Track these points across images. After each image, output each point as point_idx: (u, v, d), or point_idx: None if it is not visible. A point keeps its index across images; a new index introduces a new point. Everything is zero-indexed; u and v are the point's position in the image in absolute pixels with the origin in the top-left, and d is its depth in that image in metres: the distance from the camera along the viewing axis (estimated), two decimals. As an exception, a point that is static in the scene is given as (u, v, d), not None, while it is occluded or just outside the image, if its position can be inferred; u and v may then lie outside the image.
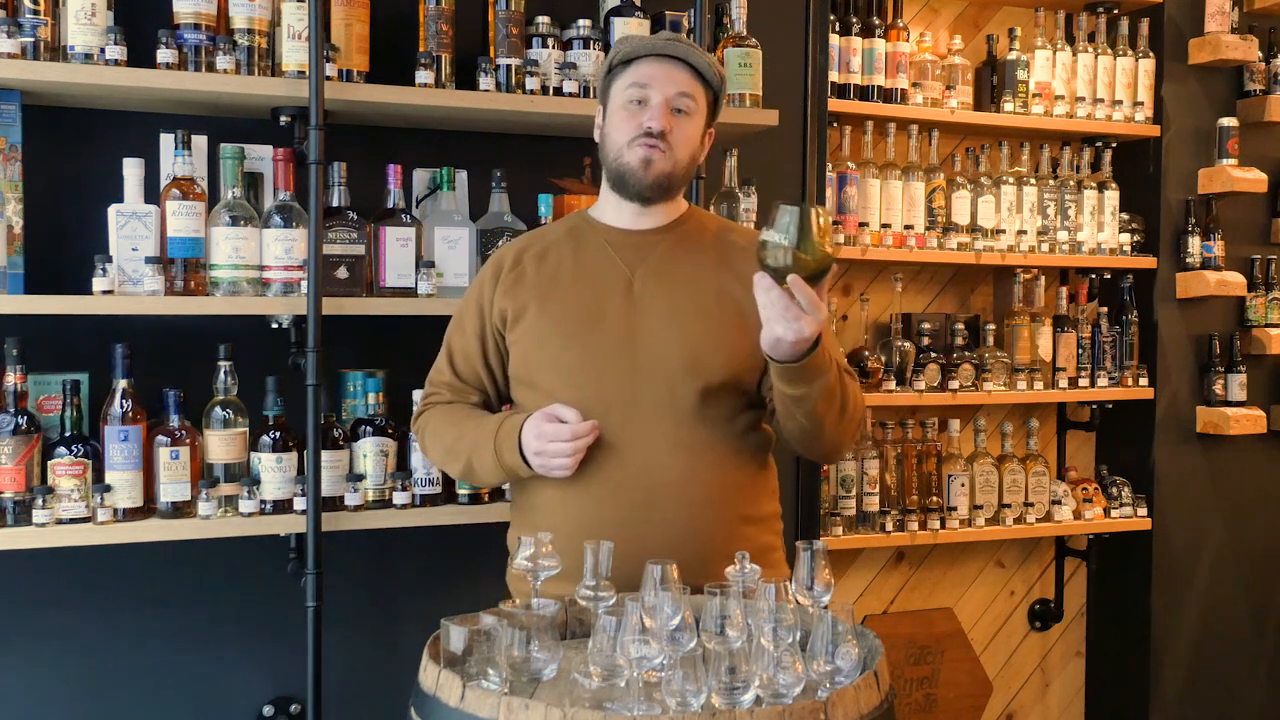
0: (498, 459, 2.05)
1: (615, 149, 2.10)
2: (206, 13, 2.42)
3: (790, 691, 1.54)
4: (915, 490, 3.48)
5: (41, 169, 2.49)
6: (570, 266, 2.13)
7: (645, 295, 2.09)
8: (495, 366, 2.19)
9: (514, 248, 2.22)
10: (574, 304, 2.09)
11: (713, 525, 2.03)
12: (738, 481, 2.09)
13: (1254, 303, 3.81)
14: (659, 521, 1.99)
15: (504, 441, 2.04)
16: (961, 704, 3.76)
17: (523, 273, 2.15)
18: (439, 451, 2.19)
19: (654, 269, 2.11)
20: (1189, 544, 3.80)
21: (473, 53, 2.68)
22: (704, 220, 2.24)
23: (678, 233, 2.17)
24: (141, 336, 2.46)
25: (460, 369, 2.21)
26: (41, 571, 2.55)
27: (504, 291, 2.14)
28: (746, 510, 2.11)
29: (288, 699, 2.75)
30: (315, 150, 2.43)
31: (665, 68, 2.08)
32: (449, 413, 2.19)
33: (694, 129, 2.11)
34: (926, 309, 3.73)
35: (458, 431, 2.14)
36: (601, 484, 2.02)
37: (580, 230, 2.18)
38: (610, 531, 1.92)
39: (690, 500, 2.02)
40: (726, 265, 2.14)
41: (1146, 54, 3.70)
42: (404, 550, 2.82)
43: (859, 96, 3.38)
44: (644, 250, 2.13)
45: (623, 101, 2.09)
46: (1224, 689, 3.87)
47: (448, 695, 1.56)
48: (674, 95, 2.07)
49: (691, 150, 2.12)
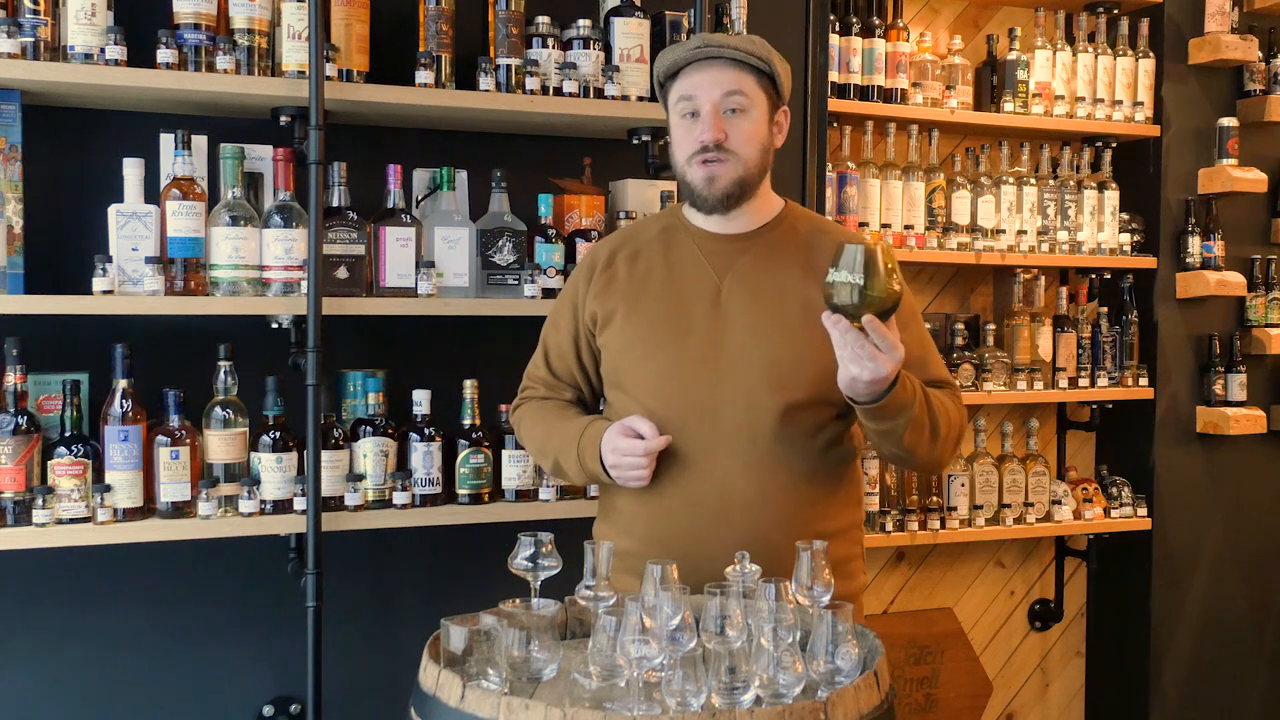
0: (580, 465, 2.07)
1: (679, 167, 2.09)
2: (206, 13, 2.42)
3: (790, 691, 1.54)
4: (915, 490, 3.48)
5: (41, 169, 2.49)
6: (661, 270, 2.11)
7: (731, 306, 2.06)
8: (589, 365, 2.19)
9: (608, 245, 2.20)
10: (662, 311, 2.07)
11: (784, 542, 1.94)
12: (812, 498, 2.05)
13: (1254, 303, 3.81)
14: (728, 539, 1.95)
15: (586, 450, 2.06)
16: (961, 704, 3.76)
17: (615, 274, 2.14)
18: (531, 447, 2.25)
19: (741, 277, 2.08)
20: (1189, 544, 3.80)
21: (473, 53, 2.68)
22: (796, 221, 2.17)
23: (767, 239, 2.12)
24: (141, 336, 2.46)
25: (555, 366, 2.21)
26: (41, 571, 2.55)
27: (595, 294, 2.13)
28: (821, 526, 2.04)
29: (288, 699, 2.75)
30: (315, 150, 2.43)
31: (707, 72, 2.04)
32: (541, 410, 2.20)
33: (753, 123, 2.06)
34: (926, 309, 3.72)
35: (547, 430, 2.16)
36: (674, 496, 2.02)
37: (672, 231, 2.16)
38: (682, 543, 1.93)
39: (759, 520, 2.00)
40: (815, 273, 2.02)
41: (1146, 54, 3.70)
42: (404, 550, 2.82)
43: (859, 96, 3.38)
44: (733, 256, 2.10)
45: (678, 118, 2.07)
46: (1224, 689, 3.86)
47: (448, 695, 1.56)
48: (721, 98, 2.03)
49: (759, 143, 2.07)
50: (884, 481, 3.43)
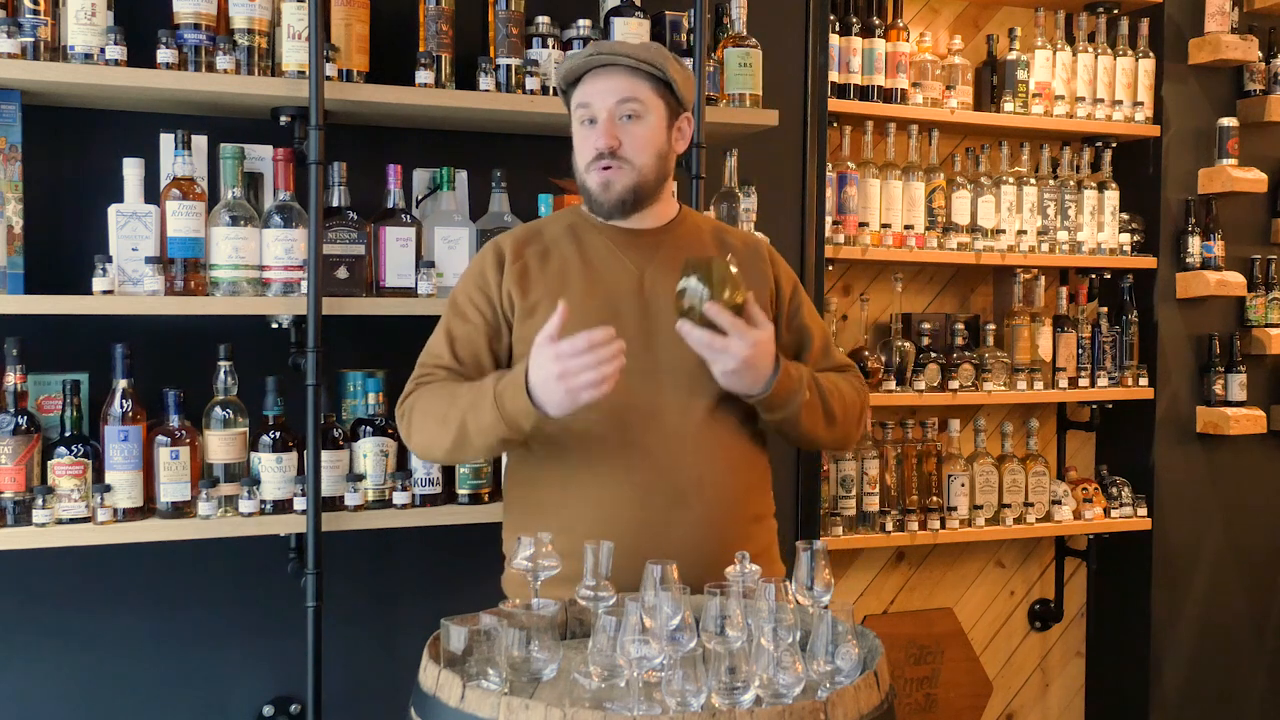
0: (499, 409, 1.90)
1: (579, 174, 2.12)
2: (206, 13, 2.41)
3: (790, 691, 1.54)
4: (915, 490, 3.48)
5: (41, 169, 2.49)
6: (578, 265, 2.11)
7: (656, 296, 2.07)
8: (500, 354, 2.12)
9: (511, 240, 2.16)
10: (589, 304, 2.06)
11: (729, 526, 2.03)
12: (750, 482, 2.11)
13: (1254, 303, 3.81)
14: (679, 523, 1.99)
15: (507, 387, 1.91)
16: (961, 704, 3.76)
17: (526, 268, 2.11)
18: (429, 424, 2.03)
19: (662, 266, 2.10)
20: (1189, 544, 3.80)
21: (473, 53, 2.68)
22: (698, 221, 2.25)
23: (678, 232, 2.17)
24: (141, 336, 2.45)
25: (461, 354, 2.10)
26: (41, 571, 2.55)
27: (513, 281, 2.09)
28: (756, 510, 2.13)
29: (288, 699, 2.75)
30: (315, 150, 2.43)
31: (602, 80, 2.07)
32: (442, 386, 2.06)
33: (648, 129, 2.07)
34: (926, 309, 3.73)
35: (450, 398, 2.01)
36: (623, 485, 2.00)
37: (580, 228, 2.16)
38: (632, 533, 1.92)
39: (710, 501, 2.02)
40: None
41: (1146, 54, 3.70)
42: (404, 550, 2.82)
43: (859, 96, 3.38)
44: (649, 249, 2.12)
45: (576, 125, 2.11)
46: (1224, 689, 3.87)
47: (448, 695, 1.56)
48: (615, 105, 2.05)
49: (655, 149, 2.08)
50: (884, 481, 3.43)
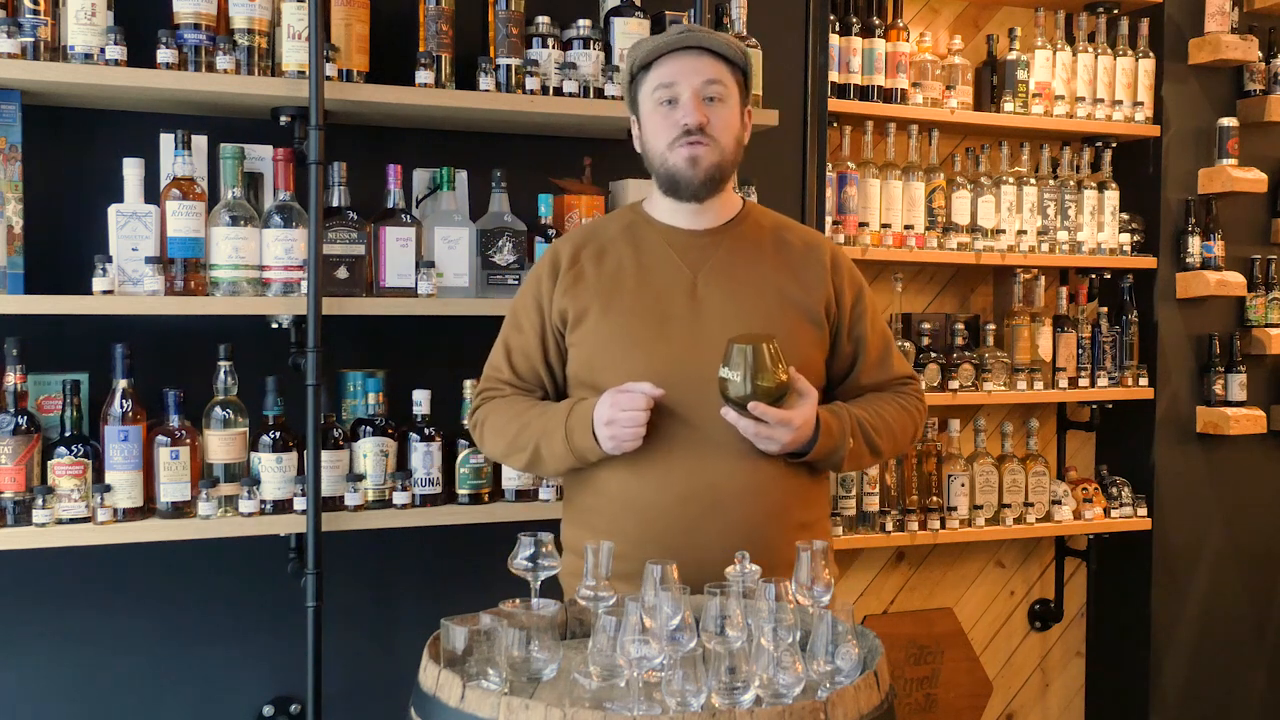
0: (568, 442, 2.01)
1: (658, 154, 2.07)
2: (206, 13, 2.42)
3: (790, 691, 1.54)
4: (915, 490, 3.48)
5: (41, 169, 2.49)
6: (632, 267, 2.10)
7: (709, 298, 2.06)
8: (555, 365, 2.15)
9: (569, 243, 2.17)
10: (638, 307, 2.06)
11: (772, 534, 2.01)
12: (796, 490, 2.08)
13: (1254, 303, 3.81)
14: (720, 531, 1.98)
15: (577, 422, 2.00)
16: (961, 704, 3.76)
17: (581, 272, 2.11)
18: (501, 443, 2.13)
19: (716, 270, 2.08)
20: (1189, 544, 3.80)
21: (473, 53, 2.68)
22: (760, 218, 2.20)
23: (736, 232, 2.14)
24: (141, 336, 2.46)
25: (519, 367, 2.16)
26: (41, 571, 2.55)
27: (564, 290, 2.10)
28: (803, 517, 2.09)
29: (288, 699, 2.75)
30: (315, 150, 2.43)
31: (687, 60, 2.04)
32: (511, 405, 2.14)
33: (731, 113, 2.07)
34: (926, 309, 3.73)
35: (523, 421, 2.09)
36: (664, 491, 2.00)
37: (637, 228, 2.15)
38: (672, 538, 1.92)
39: (751, 511, 2.01)
40: (786, 267, 2.13)
41: (1146, 54, 3.70)
42: (404, 550, 2.82)
43: (859, 96, 3.37)
44: (705, 251, 2.11)
45: (653, 106, 2.06)
46: (1224, 689, 3.86)
47: (448, 695, 1.56)
48: (702, 85, 2.04)
49: (735, 134, 2.08)
50: (884, 481, 3.43)
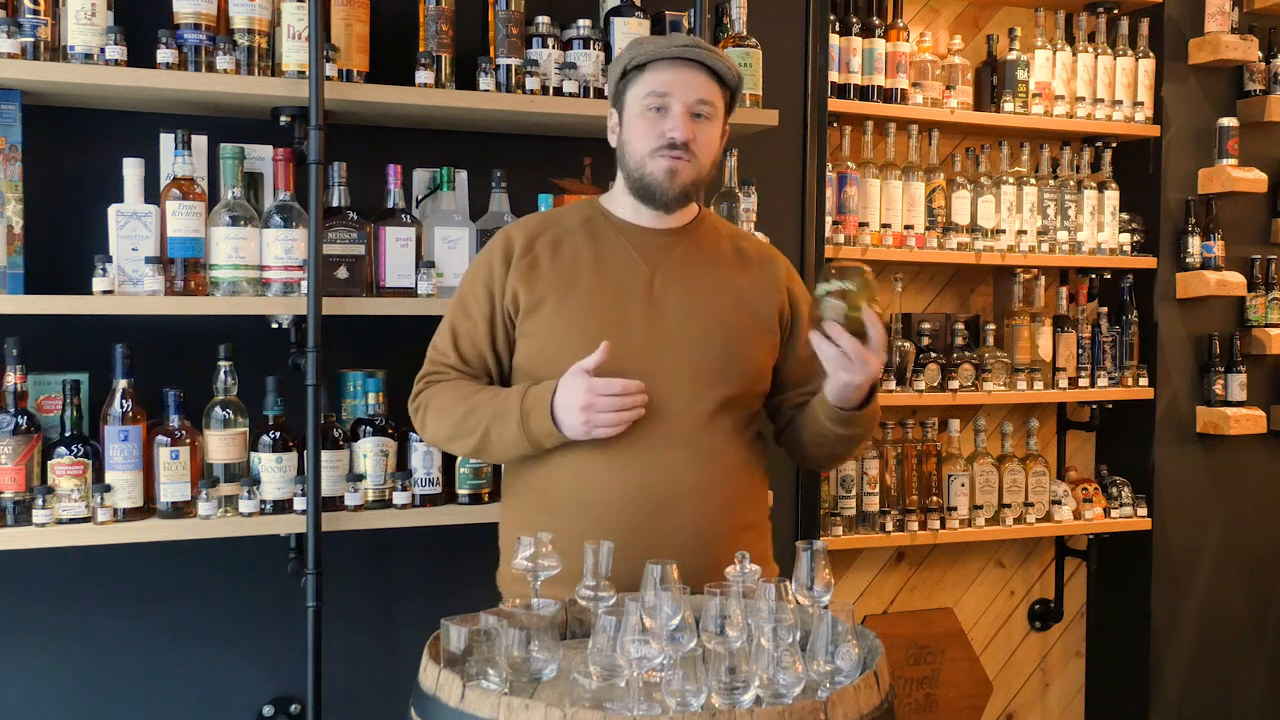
0: (523, 427, 1.97)
1: (636, 158, 2.06)
2: (206, 13, 2.42)
3: (790, 691, 1.54)
4: (915, 490, 3.48)
5: (41, 169, 2.49)
6: (589, 260, 2.09)
7: (666, 298, 2.07)
8: (503, 352, 2.12)
9: (523, 230, 2.14)
10: (594, 303, 2.05)
11: (721, 533, 2.02)
12: (744, 489, 2.10)
13: (1254, 303, 3.81)
14: (671, 529, 1.98)
15: (533, 407, 1.97)
16: (961, 704, 3.76)
17: (536, 260, 2.09)
18: (446, 426, 2.08)
19: (674, 270, 2.09)
20: (1189, 544, 3.80)
21: (473, 53, 2.68)
22: (717, 224, 2.23)
23: (695, 234, 2.15)
24: (141, 336, 2.45)
25: (465, 352, 2.12)
26: (41, 571, 2.55)
27: (519, 276, 2.08)
28: (750, 517, 2.12)
29: (288, 699, 2.75)
30: (315, 150, 2.43)
31: (684, 73, 2.04)
32: (457, 387, 2.09)
33: (714, 133, 2.08)
34: (926, 309, 3.73)
35: (471, 404, 2.05)
36: (618, 489, 1.99)
37: (595, 222, 2.14)
38: (621, 537, 1.91)
39: (703, 509, 2.01)
40: (743, 271, 2.14)
41: (1146, 54, 3.70)
42: (404, 550, 2.82)
43: (859, 96, 3.37)
44: (663, 250, 2.11)
45: (641, 109, 2.05)
46: (1224, 689, 3.86)
47: (448, 695, 1.56)
48: (694, 102, 2.04)
49: (713, 154, 2.10)
50: (884, 481, 3.43)
